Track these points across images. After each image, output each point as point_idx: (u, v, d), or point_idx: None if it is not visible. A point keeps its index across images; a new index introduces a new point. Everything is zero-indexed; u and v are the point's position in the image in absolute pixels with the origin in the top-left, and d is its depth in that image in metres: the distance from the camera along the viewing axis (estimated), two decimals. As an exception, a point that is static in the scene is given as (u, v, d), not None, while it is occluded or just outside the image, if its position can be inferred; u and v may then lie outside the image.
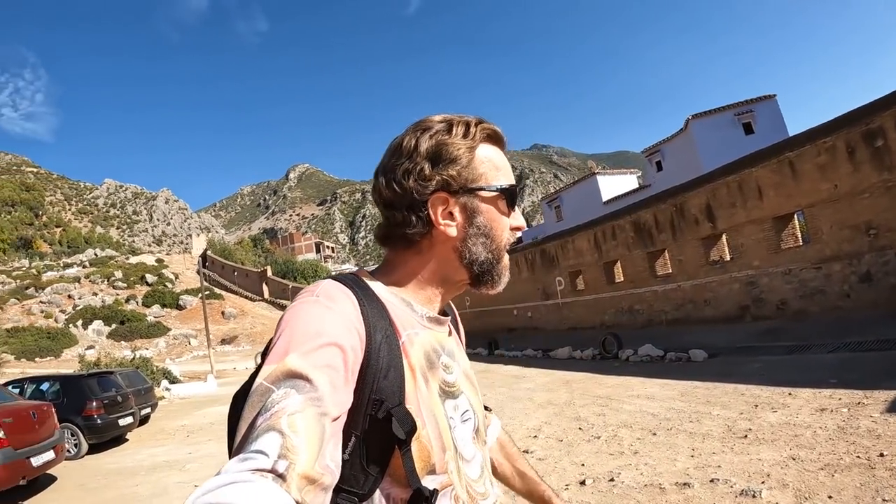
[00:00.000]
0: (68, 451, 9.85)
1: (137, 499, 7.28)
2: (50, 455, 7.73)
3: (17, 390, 11.06)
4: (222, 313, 57.38)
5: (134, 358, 24.59)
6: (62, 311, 50.09)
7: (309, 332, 0.83)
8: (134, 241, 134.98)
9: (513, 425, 8.58)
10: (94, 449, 10.92)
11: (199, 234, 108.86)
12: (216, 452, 9.77)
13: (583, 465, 6.10)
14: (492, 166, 1.03)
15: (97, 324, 47.90)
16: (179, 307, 56.96)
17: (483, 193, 1.01)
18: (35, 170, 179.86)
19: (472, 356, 26.81)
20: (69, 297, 54.37)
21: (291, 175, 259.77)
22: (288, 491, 0.66)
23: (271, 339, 0.89)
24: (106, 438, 11.15)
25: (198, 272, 35.76)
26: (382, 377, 0.89)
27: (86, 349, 37.79)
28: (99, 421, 10.85)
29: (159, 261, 75.19)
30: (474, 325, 37.21)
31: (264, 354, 0.91)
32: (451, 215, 1.00)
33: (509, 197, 1.04)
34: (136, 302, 56.55)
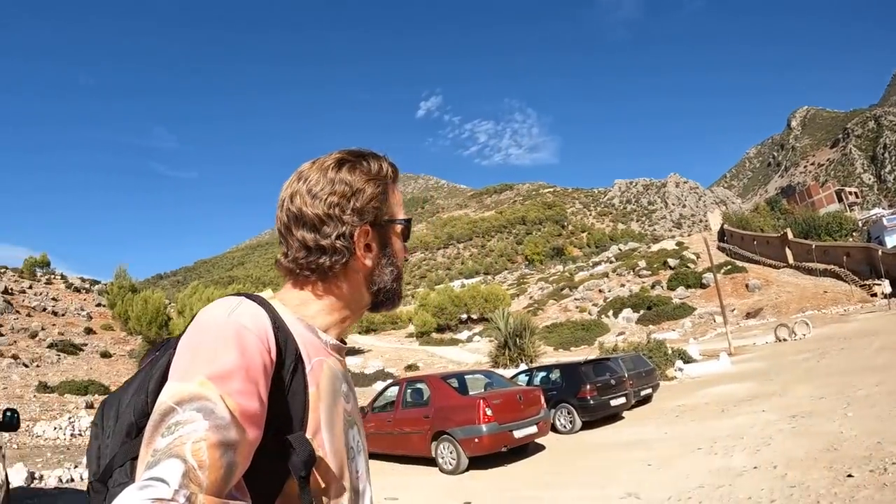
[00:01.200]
0: (563, 426, 11.93)
1: (598, 470, 8.20)
2: (532, 429, 9.49)
3: (525, 378, 13.53)
4: (746, 286, 55.45)
5: (648, 342, 26.03)
6: (594, 305, 56.99)
7: (221, 351, 0.81)
8: (655, 230, 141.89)
9: None
10: (588, 425, 12.40)
11: (713, 210, 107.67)
12: (690, 433, 9.77)
13: None
14: (398, 201, 1.10)
15: (626, 311, 52.47)
16: (703, 286, 57.46)
17: (395, 226, 1.08)
18: (551, 189, 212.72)
19: None
20: (599, 291, 61.47)
21: (793, 123, 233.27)
22: None
23: (172, 346, 0.91)
24: (597, 417, 12.52)
25: (707, 248, 35.47)
26: (286, 405, 0.89)
27: (616, 335, 41.83)
28: (591, 402, 12.29)
29: (679, 244, 77.58)
30: None
31: (148, 360, 0.97)
32: (368, 247, 1.04)
33: (408, 228, 1.11)
34: (661, 286, 59.58)
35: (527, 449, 10.04)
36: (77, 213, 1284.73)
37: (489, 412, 8.85)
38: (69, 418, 15.44)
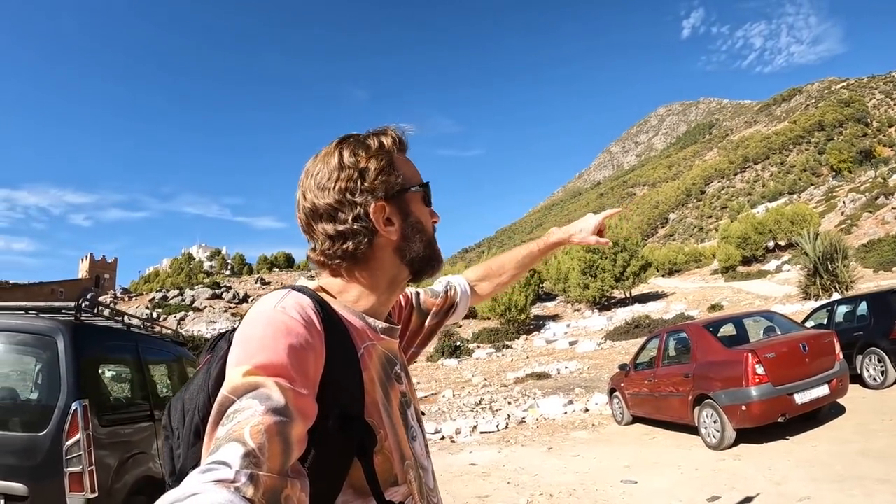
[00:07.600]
0: (872, 378, 8.89)
1: None
2: (821, 391, 7.10)
3: (826, 314, 10.68)
4: None
5: None
6: (921, 212, 44.94)
7: (273, 343, 0.84)
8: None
9: None
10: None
11: None
12: None
13: None
14: (410, 169, 1.11)
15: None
16: None
17: (410, 193, 1.08)
18: (844, 83, 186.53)
19: None
20: None
21: None
22: (252, 501, 0.65)
23: (225, 345, 0.96)
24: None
25: None
26: (342, 390, 0.91)
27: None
28: (911, 344, 8.90)
29: None
30: None
31: (206, 357, 1.02)
32: (389, 221, 1.04)
33: (428, 191, 1.13)
34: None
35: (818, 413, 7.67)
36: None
37: (760, 370, 6.86)
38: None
